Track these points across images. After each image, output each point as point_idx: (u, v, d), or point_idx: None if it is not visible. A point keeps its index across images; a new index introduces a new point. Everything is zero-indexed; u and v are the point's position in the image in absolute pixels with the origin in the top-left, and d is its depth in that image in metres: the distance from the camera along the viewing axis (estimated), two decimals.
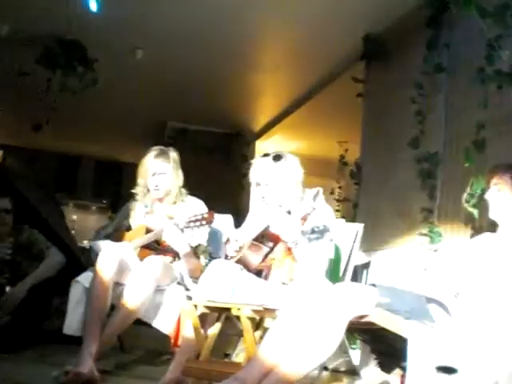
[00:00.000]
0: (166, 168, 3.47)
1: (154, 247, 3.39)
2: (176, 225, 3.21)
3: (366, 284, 3.62)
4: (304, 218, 2.85)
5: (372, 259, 4.56)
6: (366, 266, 4.20)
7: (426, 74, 4.30)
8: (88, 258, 3.46)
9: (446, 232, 4.08)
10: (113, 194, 11.34)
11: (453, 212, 4.01)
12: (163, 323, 3.18)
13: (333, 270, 2.91)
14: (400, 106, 4.80)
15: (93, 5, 4.89)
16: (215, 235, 3.51)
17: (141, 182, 3.53)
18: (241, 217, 3.36)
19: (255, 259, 2.86)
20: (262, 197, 2.91)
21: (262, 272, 2.88)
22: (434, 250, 4.11)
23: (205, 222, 3.16)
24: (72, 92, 5.52)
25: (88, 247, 4.16)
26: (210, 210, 3.30)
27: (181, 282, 3.34)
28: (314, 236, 2.66)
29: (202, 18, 5.29)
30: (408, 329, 2.14)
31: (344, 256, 3.24)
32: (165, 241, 3.31)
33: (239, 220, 3.38)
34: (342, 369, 3.61)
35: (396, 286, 2.41)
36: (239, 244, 2.93)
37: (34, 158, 10.48)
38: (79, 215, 11.55)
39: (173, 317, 3.15)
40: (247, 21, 5.36)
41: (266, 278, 2.87)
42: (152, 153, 3.51)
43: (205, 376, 2.56)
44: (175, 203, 3.53)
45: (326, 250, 2.78)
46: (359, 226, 3.38)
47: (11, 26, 5.41)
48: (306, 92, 6.94)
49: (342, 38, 5.43)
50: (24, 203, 4.56)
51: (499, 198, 2.62)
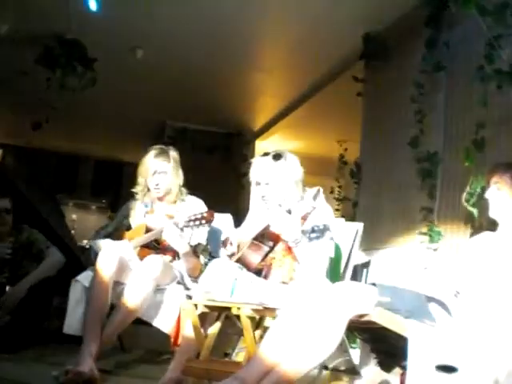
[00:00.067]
0: (166, 167, 3.47)
1: (153, 246, 3.39)
2: (176, 224, 3.20)
3: (365, 283, 3.62)
4: (304, 218, 2.85)
5: (372, 258, 4.56)
6: (366, 265, 4.20)
7: (426, 73, 4.30)
8: (88, 258, 3.45)
9: (445, 231, 4.08)
10: (112, 194, 11.34)
11: (452, 211, 4.01)
12: (163, 322, 3.18)
13: (333, 269, 2.91)
14: (400, 105, 4.80)
15: (92, 4, 4.90)
16: (215, 234, 3.51)
17: (141, 181, 3.53)
18: (241, 216, 3.35)
19: (255, 258, 2.86)
20: (262, 196, 2.90)
21: (262, 271, 2.88)
22: (434, 249, 4.11)
23: (204, 221, 3.15)
24: (72, 91, 5.52)
25: (88, 247, 4.15)
26: (210, 209, 3.30)
27: (181, 282, 3.34)
28: (314, 235, 2.66)
29: (201, 18, 5.30)
30: (408, 328, 2.14)
31: (344, 255, 3.24)
32: (164, 240, 3.30)
33: (239, 219, 3.38)
34: (342, 368, 3.60)
35: (396, 285, 2.41)
36: (233, 249, 2.93)
37: (33, 158, 10.48)
38: (79, 215, 11.54)
39: (173, 316, 3.15)
40: (246, 20, 5.36)
41: (265, 277, 2.87)
42: (152, 152, 3.50)
43: (205, 375, 2.55)
44: (175, 202, 3.53)
45: (327, 249, 2.78)
46: (359, 225, 3.37)
47: (11, 25, 5.40)
48: (306, 91, 6.94)
49: (341, 38, 5.43)
50: (24, 203, 4.56)
51: (499, 197, 2.62)
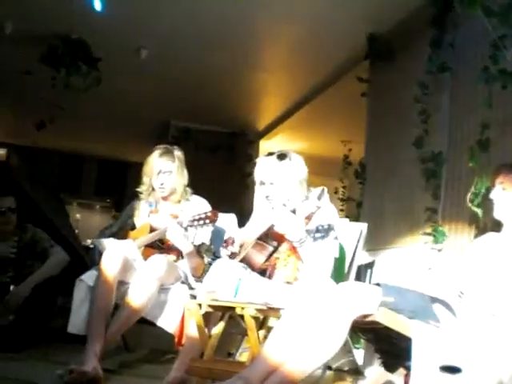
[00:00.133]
0: (171, 167, 3.47)
1: (158, 246, 3.40)
2: (180, 223, 3.21)
3: (369, 283, 3.62)
4: (309, 217, 2.84)
5: (376, 259, 4.56)
6: (370, 265, 4.19)
7: (431, 74, 4.29)
8: (92, 257, 3.46)
9: (450, 232, 4.08)
10: (116, 193, 11.36)
11: (457, 212, 4.00)
12: (167, 322, 3.19)
13: (337, 270, 2.90)
14: (404, 105, 4.80)
15: (97, 4, 4.90)
16: (219, 234, 3.51)
17: (146, 180, 3.53)
18: (245, 216, 3.35)
19: (259, 258, 2.85)
20: (267, 196, 2.89)
21: (266, 271, 2.88)
22: (438, 250, 4.11)
23: (208, 221, 3.16)
24: (76, 91, 5.53)
25: (92, 246, 4.16)
26: (214, 209, 3.30)
27: (185, 281, 3.35)
28: (318, 235, 2.66)
29: (205, 18, 5.30)
30: (412, 328, 2.14)
31: (348, 255, 3.23)
32: (169, 240, 3.30)
33: (243, 219, 3.38)
34: (346, 368, 3.59)
35: (400, 285, 2.40)
36: (234, 249, 2.93)
37: (37, 157, 10.50)
38: (83, 214, 11.58)
39: (177, 316, 3.15)
40: (251, 20, 5.37)
41: (270, 277, 2.86)
42: (157, 151, 3.50)
43: (208, 375, 2.55)
44: (179, 202, 3.53)
45: (331, 249, 2.77)
46: (363, 226, 3.36)
47: (15, 25, 5.42)
48: (310, 91, 6.94)
49: (346, 38, 5.44)
50: (28, 202, 4.57)
51: (504, 197, 2.61)
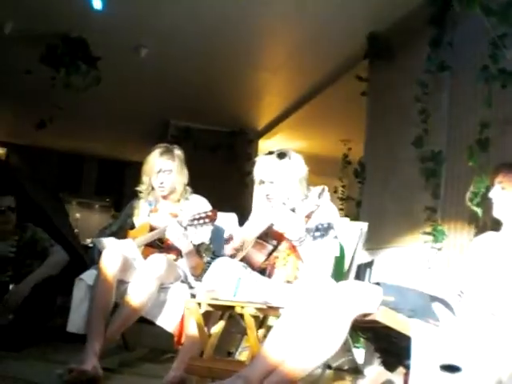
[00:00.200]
0: (171, 165, 3.47)
1: (157, 245, 3.39)
2: (179, 223, 3.21)
3: (369, 283, 3.62)
4: (308, 216, 2.83)
5: (375, 258, 4.56)
6: (370, 264, 4.19)
7: (430, 73, 4.29)
8: (91, 256, 3.45)
9: (449, 231, 4.08)
10: (116, 193, 11.36)
11: (456, 211, 4.00)
12: (167, 321, 3.19)
13: (337, 269, 2.90)
14: (404, 104, 4.80)
15: (96, 3, 4.90)
16: (218, 234, 3.51)
17: (145, 179, 3.53)
18: (244, 215, 3.35)
19: (259, 257, 2.85)
20: (267, 195, 2.88)
21: (266, 270, 2.88)
22: (438, 249, 4.11)
23: (208, 220, 3.16)
24: (75, 90, 5.52)
25: (91, 245, 4.15)
26: (214, 208, 3.30)
27: (184, 281, 3.35)
28: (318, 234, 2.65)
29: (205, 17, 5.30)
30: (412, 327, 2.14)
31: (348, 254, 3.23)
32: (168, 239, 3.31)
33: (242, 218, 3.38)
34: (346, 367, 3.60)
35: (400, 284, 2.40)
36: (236, 245, 2.93)
37: (37, 157, 10.50)
38: (82, 213, 11.58)
39: (176, 315, 3.15)
40: (251, 19, 5.36)
41: (269, 276, 2.86)
42: (157, 150, 3.50)
43: (208, 374, 2.55)
44: (179, 201, 3.53)
45: (331, 248, 2.77)
46: (363, 225, 3.36)
47: (15, 24, 5.42)
48: (310, 90, 6.94)
49: (345, 37, 5.43)
50: (28, 201, 4.57)
51: (503, 196, 2.62)
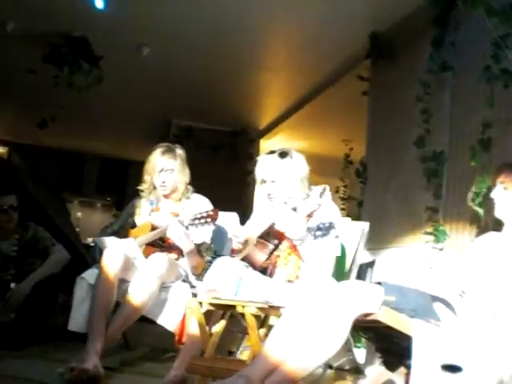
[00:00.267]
0: (172, 165, 3.47)
1: (159, 244, 3.39)
2: (180, 222, 3.20)
3: (371, 282, 3.62)
4: (310, 215, 2.83)
5: (377, 258, 4.56)
6: (371, 264, 4.19)
7: (432, 73, 4.29)
8: (93, 255, 3.46)
9: (451, 231, 4.07)
10: (117, 192, 11.37)
11: (458, 211, 4.00)
12: (168, 320, 3.19)
13: (338, 268, 2.90)
14: (405, 104, 4.79)
15: (99, 2, 4.90)
16: (220, 233, 3.51)
17: (147, 178, 3.53)
18: (246, 214, 3.35)
19: (260, 257, 2.85)
20: (268, 194, 2.88)
21: (267, 269, 2.88)
22: (440, 249, 4.10)
23: (209, 219, 3.15)
24: (78, 89, 5.53)
25: (92, 244, 4.16)
26: (215, 207, 3.30)
27: (186, 280, 3.35)
28: (319, 233, 2.65)
29: (207, 17, 5.30)
30: (413, 327, 2.14)
31: (349, 254, 3.23)
32: (169, 238, 3.31)
33: (244, 218, 3.38)
34: (347, 367, 3.60)
35: (401, 284, 2.40)
36: (241, 239, 2.92)
37: (39, 156, 10.51)
38: (84, 212, 11.59)
39: (178, 314, 3.16)
40: (252, 19, 5.36)
41: (270, 275, 2.86)
42: (159, 149, 3.51)
43: (209, 373, 2.55)
44: (180, 200, 3.53)
45: (332, 247, 2.77)
46: (365, 225, 3.36)
47: (16, 23, 5.42)
48: (312, 90, 6.93)
49: (347, 37, 5.43)
50: (30, 200, 4.57)
51: (505, 196, 2.61)
